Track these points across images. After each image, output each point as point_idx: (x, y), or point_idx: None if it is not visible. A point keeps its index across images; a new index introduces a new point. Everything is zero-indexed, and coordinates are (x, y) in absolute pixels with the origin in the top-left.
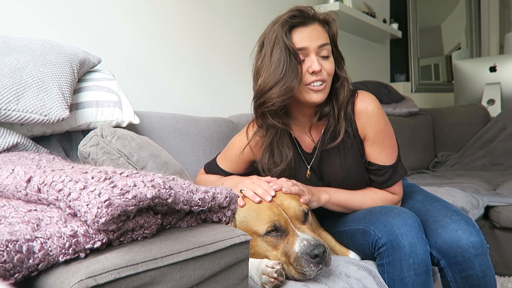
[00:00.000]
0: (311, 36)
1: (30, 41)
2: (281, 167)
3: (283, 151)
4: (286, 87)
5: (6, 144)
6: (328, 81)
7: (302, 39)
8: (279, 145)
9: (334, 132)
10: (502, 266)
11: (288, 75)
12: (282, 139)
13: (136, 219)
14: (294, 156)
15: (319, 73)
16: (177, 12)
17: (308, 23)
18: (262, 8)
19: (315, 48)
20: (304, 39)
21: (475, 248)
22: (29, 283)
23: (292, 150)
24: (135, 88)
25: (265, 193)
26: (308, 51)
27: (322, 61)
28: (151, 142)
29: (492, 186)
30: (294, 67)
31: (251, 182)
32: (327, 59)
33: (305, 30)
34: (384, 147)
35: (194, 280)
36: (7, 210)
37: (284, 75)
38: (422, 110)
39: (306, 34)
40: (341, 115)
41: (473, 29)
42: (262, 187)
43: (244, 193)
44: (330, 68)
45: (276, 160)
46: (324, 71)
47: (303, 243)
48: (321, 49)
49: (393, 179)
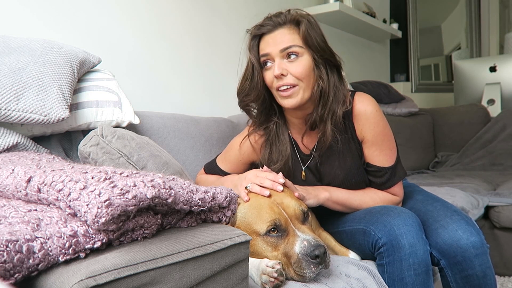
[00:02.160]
0: (274, 41)
1: (30, 41)
2: (279, 164)
3: (281, 148)
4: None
5: (6, 144)
6: (299, 84)
7: (266, 45)
8: (276, 142)
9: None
10: (502, 266)
11: (251, 87)
12: (280, 136)
13: (136, 219)
14: (291, 156)
15: (284, 77)
16: (177, 12)
17: (275, 29)
18: (262, 8)
19: (277, 53)
20: (267, 45)
21: (475, 248)
22: (29, 283)
23: (290, 148)
24: (135, 88)
25: (274, 184)
26: (272, 56)
27: (287, 65)
28: (151, 142)
29: (492, 186)
30: (256, 80)
31: (255, 176)
32: (294, 61)
33: (270, 36)
34: (383, 148)
35: (194, 280)
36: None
37: (249, 87)
38: (422, 110)
39: (270, 40)
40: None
41: (473, 29)
42: (269, 178)
43: (250, 189)
44: (297, 70)
45: (273, 157)
46: (291, 75)
47: (303, 244)
48: (284, 52)
49: (392, 180)
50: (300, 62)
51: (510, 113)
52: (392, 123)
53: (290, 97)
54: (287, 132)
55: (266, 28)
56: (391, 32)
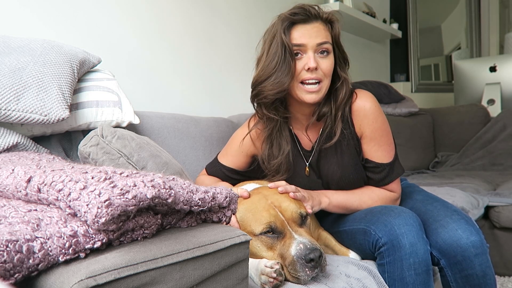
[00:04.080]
0: (310, 34)
1: (30, 41)
2: (278, 160)
3: (281, 144)
4: (278, 82)
5: (6, 144)
6: (324, 81)
7: (301, 35)
8: (277, 137)
9: (331, 133)
10: (502, 266)
11: (280, 70)
12: (281, 132)
13: (136, 219)
14: (293, 152)
15: (315, 71)
16: (177, 12)
17: (309, 21)
18: (262, 8)
19: (313, 46)
20: (303, 36)
21: (475, 248)
22: (29, 283)
23: (290, 144)
24: (136, 88)
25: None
26: (306, 48)
27: (319, 59)
28: (151, 142)
29: (492, 186)
30: (288, 63)
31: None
32: (325, 58)
33: (305, 27)
34: (381, 144)
35: (194, 280)
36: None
37: (277, 69)
38: (422, 110)
39: (305, 31)
40: (338, 116)
41: (473, 29)
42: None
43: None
44: (327, 67)
45: (274, 152)
46: (321, 70)
47: (299, 247)
48: (319, 47)
49: (391, 176)
50: (330, 59)
51: (510, 113)
52: (392, 123)
53: (315, 93)
54: (288, 128)
55: (300, 17)
56: (391, 32)
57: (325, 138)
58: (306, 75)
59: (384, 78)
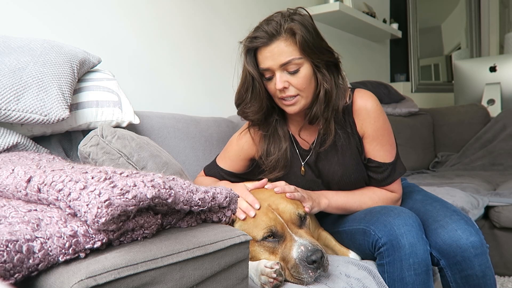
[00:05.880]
0: (273, 56)
1: (30, 41)
2: (275, 156)
3: (279, 141)
4: (252, 106)
5: (6, 144)
6: (301, 94)
7: (265, 59)
8: (275, 136)
9: (326, 134)
10: (502, 266)
11: (252, 96)
12: (278, 130)
13: (136, 219)
14: (290, 150)
15: (287, 90)
16: (177, 12)
17: (270, 42)
18: (262, 8)
19: (278, 67)
20: (266, 59)
21: (474, 248)
22: (29, 283)
23: (288, 142)
24: (136, 88)
25: (249, 208)
26: (273, 69)
27: (289, 77)
28: (151, 142)
29: (492, 186)
30: (257, 90)
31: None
32: (295, 75)
33: (267, 50)
34: (384, 144)
35: (194, 280)
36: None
37: (248, 95)
38: (422, 110)
39: (268, 54)
40: (330, 118)
41: (473, 29)
42: (247, 200)
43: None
44: (298, 83)
45: (271, 149)
46: (293, 87)
47: (300, 249)
48: (285, 67)
49: (393, 176)
50: (301, 74)
51: (510, 113)
52: (392, 123)
53: (293, 105)
54: (285, 127)
55: (260, 41)
56: (391, 32)
57: (322, 139)
58: (280, 94)
59: (384, 78)
